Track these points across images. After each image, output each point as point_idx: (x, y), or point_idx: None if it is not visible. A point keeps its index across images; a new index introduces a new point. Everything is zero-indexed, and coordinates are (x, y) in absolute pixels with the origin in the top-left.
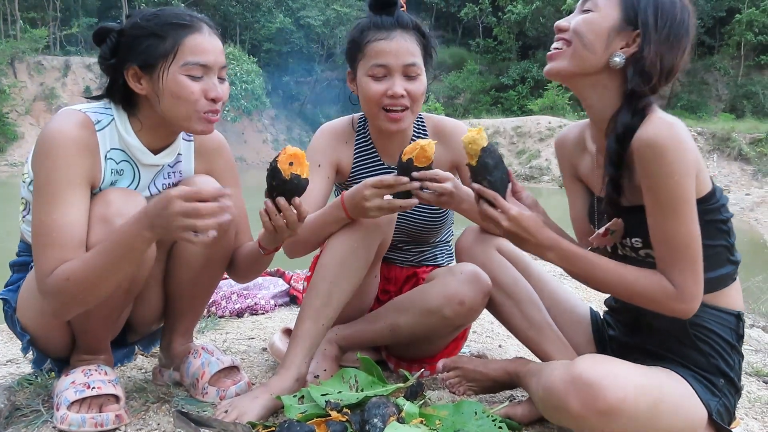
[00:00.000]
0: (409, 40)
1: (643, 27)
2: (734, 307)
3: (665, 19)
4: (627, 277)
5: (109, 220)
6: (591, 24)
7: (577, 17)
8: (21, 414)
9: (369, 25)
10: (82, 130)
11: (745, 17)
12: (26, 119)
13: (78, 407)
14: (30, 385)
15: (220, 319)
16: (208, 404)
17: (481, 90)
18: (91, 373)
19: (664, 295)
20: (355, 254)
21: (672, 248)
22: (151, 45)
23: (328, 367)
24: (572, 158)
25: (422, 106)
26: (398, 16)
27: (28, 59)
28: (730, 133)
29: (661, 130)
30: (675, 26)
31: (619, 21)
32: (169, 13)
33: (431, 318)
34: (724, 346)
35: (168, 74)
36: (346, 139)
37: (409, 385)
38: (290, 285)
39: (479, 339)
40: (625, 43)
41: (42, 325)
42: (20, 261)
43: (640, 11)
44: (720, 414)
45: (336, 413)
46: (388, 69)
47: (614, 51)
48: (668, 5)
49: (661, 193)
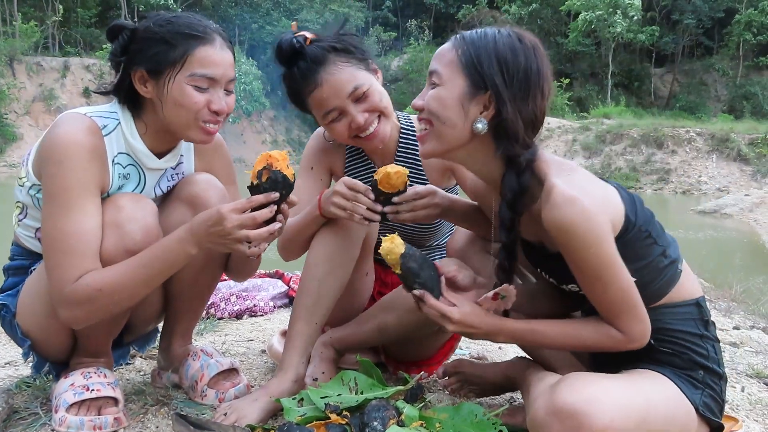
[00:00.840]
0: (336, 72)
1: (492, 88)
2: (691, 296)
3: (512, 72)
4: (576, 337)
5: (121, 225)
6: (440, 99)
7: (427, 94)
8: (19, 417)
9: (292, 79)
10: (91, 136)
11: (744, 18)
12: (25, 120)
13: (77, 410)
14: (28, 387)
15: (219, 321)
16: (207, 407)
17: None
18: (90, 376)
19: (615, 342)
20: (341, 250)
21: (608, 306)
22: (161, 51)
23: (326, 370)
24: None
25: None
26: (310, 56)
27: (27, 60)
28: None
29: (565, 211)
30: (525, 76)
31: (468, 88)
32: (184, 22)
33: (415, 315)
34: (691, 339)
35: (174, 82)
36: (337, 146)
37: (409, 388)
38: (289, 286)
39: (479, 341)
40: (483, 107)
41: (44, 329)
42: (15, 265)
43: (485, 73)
44: (707, 406)
45: (335, 416)
46: (339, 109)
47: (474, 118)
48: (511, 57)
49: (582, 265)
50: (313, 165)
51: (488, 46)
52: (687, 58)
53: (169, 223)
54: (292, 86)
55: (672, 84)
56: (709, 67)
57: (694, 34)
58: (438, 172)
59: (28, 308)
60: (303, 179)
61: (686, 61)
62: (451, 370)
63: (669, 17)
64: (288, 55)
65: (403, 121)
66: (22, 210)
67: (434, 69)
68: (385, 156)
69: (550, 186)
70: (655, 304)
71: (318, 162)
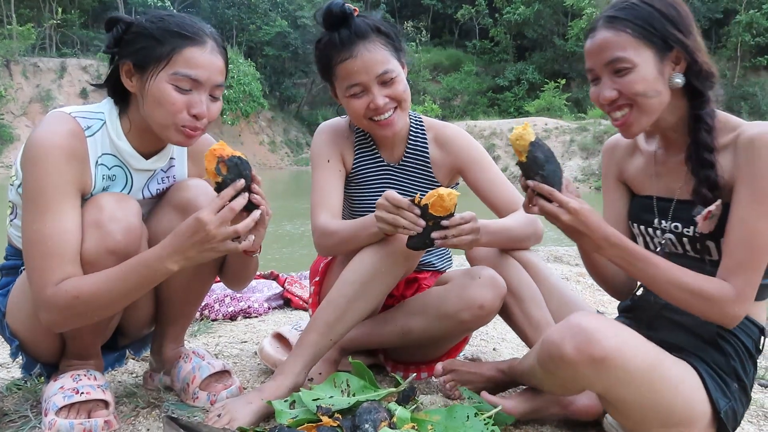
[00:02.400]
0: (374, 50)
1: (678, 44)
2: (761, 320)
3: (680, 21)
4: (685, 277)
5: (103, 225)
6: (642, 79)
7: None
8: (9, 419)
9: (330, 45)
10: (70, 137)
11: (745, 18)
12: (22, 121)
13: (66, 413)
14: (18, 390)
15: (213, 323)
16: (198, 409)
17: (478, 91)
18: (80, 378)
19: (721, 296)
20: (380, 278)
21: (749, 248)
22: (148, 46)
23: (324, 371)
24: (621, 162)
25: (419, 108)
26: (354, 27)
27: (24, 61)
28: None
29: None
30: (688, 19)
31: (656, 56)
32: (176, 21)
33: (447, 322)
34: (744, 353)
35: (155, 79)
36: (346, 137)
37: (401, 390)
38: (284, 288)
39: (474, 342)
40: (673, 65)
41: (32, 330)
42: (9, 264)
43: (665, 34)
44: (727, 416)
45: (327, 418)
46: (363, 85)
47: (669, 77)
48: (671, 10)
49: (760, 192)
50: (329, 158)
51: (650, 11)
52: None
53: (160, 228)
54: (326, 51)
55: None
56: None
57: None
58: (446, 173)
59: (17, 308)
60: (323, 172)
61: None
62: (447, 368)
63: None
64: (335, 20)
65: (413, 120)
66: (13, 210)
67: (617, 56)
68: (395, 150)
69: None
70: None
71: (332, 154)
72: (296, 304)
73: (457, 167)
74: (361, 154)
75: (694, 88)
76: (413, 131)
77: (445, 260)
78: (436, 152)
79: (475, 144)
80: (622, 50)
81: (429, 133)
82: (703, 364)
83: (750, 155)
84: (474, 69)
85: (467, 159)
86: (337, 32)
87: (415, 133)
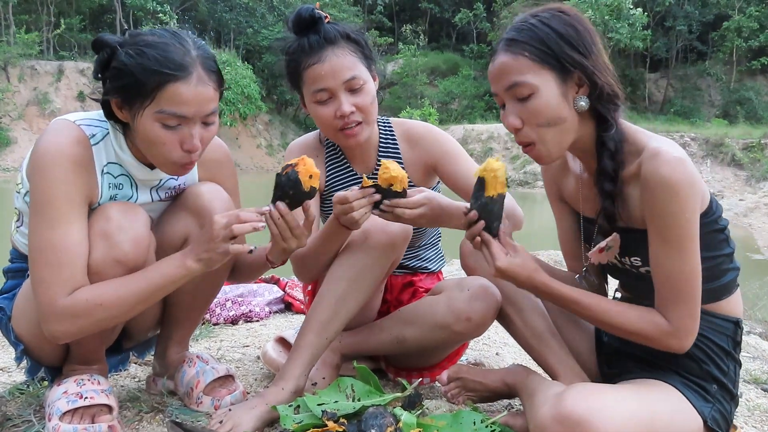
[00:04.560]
0: (342, 55)
1: (578, 66)
2: (733, 314)
3: (579, 42)
4: (618, 317)
5: (110, 236)
6: (545, 105)
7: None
8: (12, 424)
9: (299, 49)
10: (77, 146)
11: (733, 24)
12: (19, 124)
13: (70, 417)
14: (21, 394)
15: (215, 327)
16: (202, 414)
17: (476, 95)
18: (84, 383)
19: (659, 332)
20: (369, 271)
21: (673, 285)
22: (130, 84)
23: (327, 376)
24: (556, 179)
25: (417, 112)
26: (324, 32)
27: (21, 64)
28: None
29: (675, 168)
30: (589, 39)
31: (559, 79)
32: (157, 55)
33: (439, 332)
34: (717, 353)
35: (142, 117)
36: (317, 153)
37: (407, 395)
38: (285, 292)
39: (476, 346)
40: (576, 88)
41: (36, 334)
42: (14, 267)
43: (564, 57)
44: (716, 420)
45: (333, 423)
46: (330, 90)
47: (572, 101)
48: (570, 30)
49: (669, 231)
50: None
51: (547, 32)
52: (681, 63)
53: (174, 232)
54: (295, 56)
55: (666, 89)
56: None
57: (687, 39)
58: (421, 172)
59: (23, 313)
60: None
61: (680, 66)
62: (452, 376)
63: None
64: (304, 24)
65: (381, 126)
66: (19, 217)
67: (516, 81)
68: (366, 160)
69: (656, 147)
70: (702, 307)
71: None
72: (297, 308)
73: (431, 163)
74: (333, 168)
75: (598, 111)
76: (383, 137)
77: (437, 261)
78: (407, 152)
79: (446, 137)
80: (520, 75)
81: (398, 132)
82: (677, 378)
83: (649, 196)
84: (471, 73)
85: (439, 152)
86: (306, 37)
87: (385, 138)
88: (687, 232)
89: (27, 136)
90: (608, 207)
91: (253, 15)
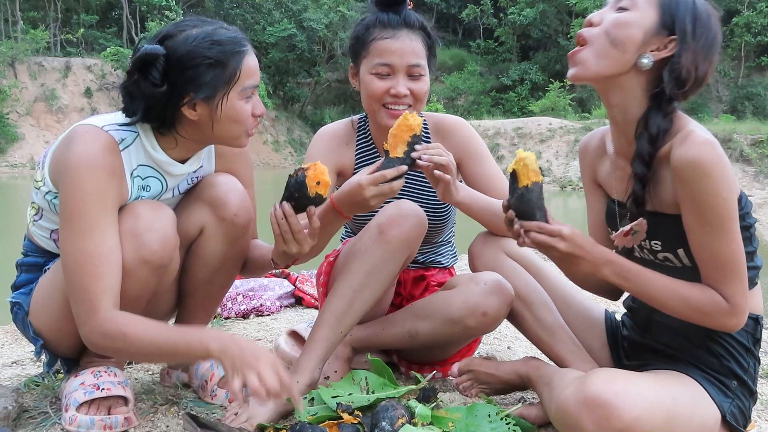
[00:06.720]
0: (415, 41)
1: (681, 34)
2: (754, 311)
3: (702, 29)
4: (681, 293)
5: (139, 235)
6: (627, 22)
7: (611, 14)
8: (29, 416)
9: (375, 23)
10: (108, 154)
11: (743, 20)
12: (26, 120)
13: (87, 409)
14: (37, 386)
15: (226, 321)
16: (216, 406)
17: (482, 91)
18: (101, 375)
19: (717, 310)
20: (384, 266)
21: (721, 265)
22: (217, 75)
23: (339, 369)
24: (593, 163)
25: (424, 108)
26: (405, 14)
27: (29, 60)
28: (731, 135)
29: (704, 150)
30: (710, 37)
31: (657, 24)
32: (226, 39)
33: (453, 327)
34: (738, 349)
35: (227, 101)
36: (347, 140)
37: (421, 388)
38: (296, 286)
39: (487, 340)
40: (657, 47)
41: (56, 330)
42: (29, 261)
43: (678, 18)
44: (734, 416)
45: (348, 415)
46: (392, 68)
47: (644, 52)
48: (705, 16)
49: (708, 213)
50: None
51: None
52: None
53: (190, 223)
54: (368, 27)
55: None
56: None
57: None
58: None
59: (42, 308)
60: None
61: None
62: (464, 368)
63: None
64: (388, 2)
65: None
66: (38, 212)
67: None
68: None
69: (687, 131)
70: None
71: (325, 163)
72: (308, 302)
73: (457, 158)
74: (362, 155)
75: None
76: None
77: (450, 257)
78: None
79: (476, 136)
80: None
81: (430, 123)
82: (697, 372)
83: (681, 179)
84: (478, 69)
85: (467, 151)
86: (387, 14)
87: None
88: (726, 212)
89: (34, 132)
90: (638, 191)
91: (260, 11)
